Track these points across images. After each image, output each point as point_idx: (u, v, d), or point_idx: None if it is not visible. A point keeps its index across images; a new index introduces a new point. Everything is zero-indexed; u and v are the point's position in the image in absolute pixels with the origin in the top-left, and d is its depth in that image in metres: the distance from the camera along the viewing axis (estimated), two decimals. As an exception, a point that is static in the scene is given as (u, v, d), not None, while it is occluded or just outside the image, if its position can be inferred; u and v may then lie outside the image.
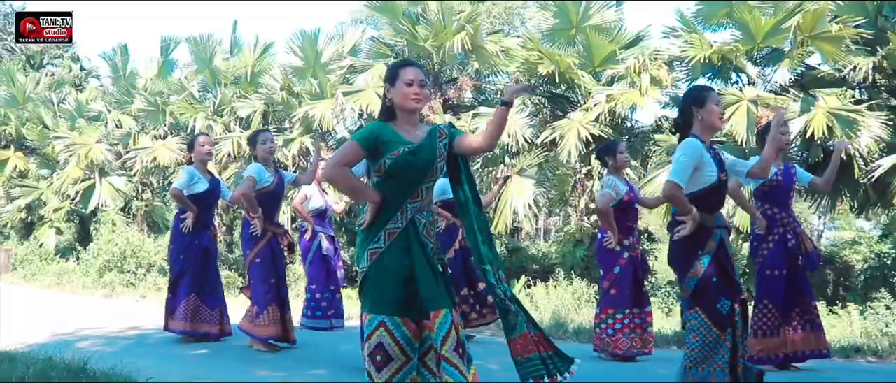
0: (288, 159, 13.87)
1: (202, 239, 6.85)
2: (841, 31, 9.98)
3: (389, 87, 3.54)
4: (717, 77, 11.87)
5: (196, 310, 6.79)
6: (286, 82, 14.37)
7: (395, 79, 3.52)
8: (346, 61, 14.00)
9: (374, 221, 3.43)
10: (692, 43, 11.18)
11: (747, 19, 10.86)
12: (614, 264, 6.28)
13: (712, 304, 4.09)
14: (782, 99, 10.62)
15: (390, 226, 3.44)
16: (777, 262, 5.70)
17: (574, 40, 12.75)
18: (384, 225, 3.44)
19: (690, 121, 4.23)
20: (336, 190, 3.38)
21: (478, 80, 14.71)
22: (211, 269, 6.96)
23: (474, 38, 12.87)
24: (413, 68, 3.53)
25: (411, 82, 3.48)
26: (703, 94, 4.26)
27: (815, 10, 10.21)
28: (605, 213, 6.16)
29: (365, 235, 3.47)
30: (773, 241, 5.74)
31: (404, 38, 13.53)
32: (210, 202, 6.98)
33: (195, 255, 6.81)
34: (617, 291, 6.25)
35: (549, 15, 12.92)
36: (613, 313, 6.26)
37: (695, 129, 4.21)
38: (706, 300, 4.10)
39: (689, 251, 4.14)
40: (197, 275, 6.81)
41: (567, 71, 12.06)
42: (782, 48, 11.14)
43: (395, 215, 3.44)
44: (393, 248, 3.42)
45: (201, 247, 6.84)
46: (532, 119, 12.68)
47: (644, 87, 11.20)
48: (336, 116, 13.27)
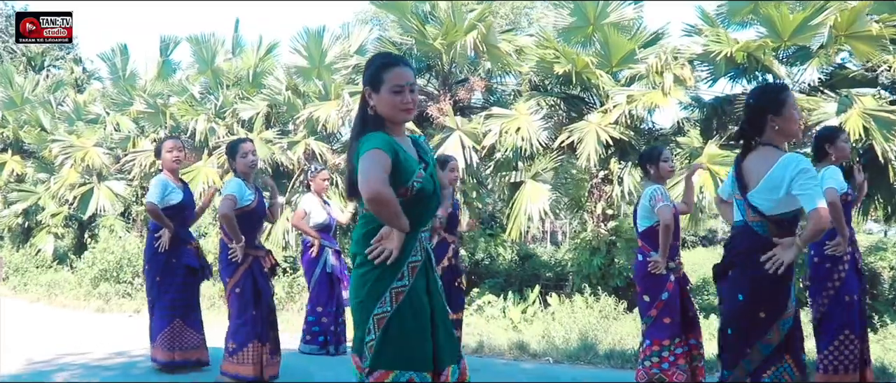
0: (292, 163, 13.30)
1: (180, 256, 6.11)
2: (882, 30, 9.39)
3: (370, 92, 2.89)
4: (742, 77, 11.31)
5: (179, 337, 6.10)
6: (291, 82, 13.81)
7: (378, 84, 2.87)
8: (351, 61, 13.44)
9: (397, 254, 2.81)
10: (718, 39, 10.57)
11: (773, 16, 10.29)
12: (662, 289, 5.48)
13: (799, 352, 3.43)
14: (813, 99, 10.05)
15: (412, 260, 2.85)
16: (853, 286, 4.99)
17: (591, 39, 12.18)
18: (407, 258, 2.83)
19: (762, 129, 3.56)
20: (379, 215, 2.73)
21: (488, 79, 14.14)
22: (193, 289, 6.25)
23: (487, 37, 12.29)
24: (400, 69, 2.88)
25: (401, 89, 2.85)
26: (782, 96, 3.57)
27: (852, 7, 9.62)
28: (669, 230, 5.31)
29: (383, 271, 2.82)
30: (847, 262, 5.01)
31: (412, 37, 12.97)
32: (186, 215, 6.27)
33: (174, 276, 6.09)
34: (670, 320, 5.47)
35: (566, 13, 12.35)
36: (668, 345, 5.46)
37: (770, 140, 3.55)
38: (795, 347, 3.43)
39: (778, 288, 3.41)
40: (178, 297, 6.10)
41: (584, 70, 11.48)
42: (809, 47, 10.58)
43: (414, 246, 2.86)
44: (417, 288, 2.83)
45: (181, 266, 6.12)
46: (547, 121, 12.09)
47: (668, 86, 10.58)
48: (341, 117, 12.70)
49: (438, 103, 13.06)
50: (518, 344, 7.81)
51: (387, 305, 2.79)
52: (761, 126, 3.57)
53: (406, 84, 2.86)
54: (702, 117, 12.02)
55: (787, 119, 3.51)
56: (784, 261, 3.36)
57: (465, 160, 11.93)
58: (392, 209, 2.70)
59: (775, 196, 3.44)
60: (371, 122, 2.91)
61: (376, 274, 2.82)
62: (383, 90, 2.86)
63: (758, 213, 3.52)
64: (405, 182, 2.82)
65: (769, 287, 3.42)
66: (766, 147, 3.56)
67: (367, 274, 2.84)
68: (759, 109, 3.57)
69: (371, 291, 2.82)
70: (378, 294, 2.81)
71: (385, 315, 2.79)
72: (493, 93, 14.36)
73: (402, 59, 2.99)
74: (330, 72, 13.78)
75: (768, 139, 3.55)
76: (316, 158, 13.05)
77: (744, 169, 3.63)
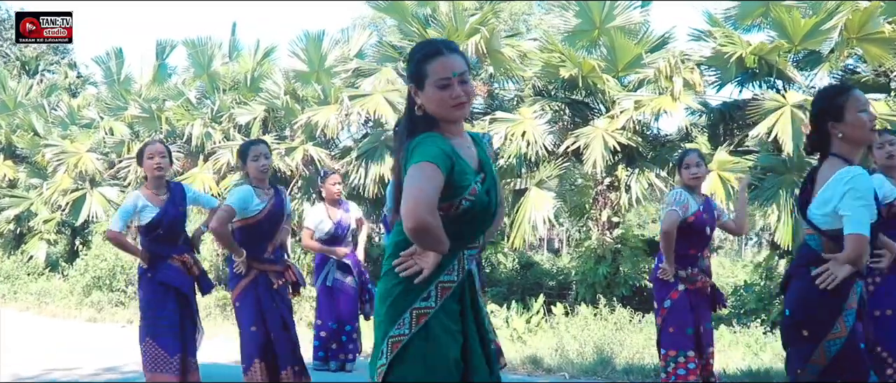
0: (290, 170, 13.00)
1: (168, 276, 5.41)
2: (895, 33, 9.16)
3: (416, 90, 2.48)
4: (752, 81, 11.08)
5: (182, 360, 5.42)
6: (290, 86, 13.51)
7: (422, 79, 2.45)
8: (351, 64, 13.16)
9: (428, 273, 2.43)
10: (731, 40, 10.31)
11: (784, 19, 10.03)
12: (666, 297, 5.29)
13: (861, 376, 3.07)
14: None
15: (444, 280, 2.47)
16: (893, 301, 4.63)
17: (597, 42, 11.92)
18: (437, 277, 2.45)
19: (826, 138, 3.24)
20: (418, 243, 2.34)
21: (490, 84, 13.87)
22: (183, 310, 5.49)
23: (490, 42, 12.04)
24: (444, 58, 2.43)
25: (448, 82, 2.41)
26: (841, 99, 3.19)
27: (864, 8, 9.39)
28: (667, 236, 5.14)
29: (408, 287, 2.44)
30: (884, 276, 4.54)
31: (413, 40, 12.70)
32: (164, 229, 5.45)
33: (163, 298, 5.39)
34: (675, 330, 5.26)
35: (571, 15, 12.08)
36: (676, 356, 5.25)
37: (836, 150, 3.21)
38: (851, 371, 3.07)
39: (830, 304, 3.11)
40: (173, 320, 5.40)
41: (590, 74, 11.21)
42: (820, 51, 10.34)
43: (451, 264, 2.48)
44: (445, 310, 2.45)
45: (169, 288, 5.41)
46: (552, 126, 11.81)
47: (677, 91, 10.32)
48: (340, 122, 12.42)
49: (472, 97, 12.77)
50: (531, 358, 7.50)
51: (405, 327, 2.43)
52: (824, 134, 3.25)
53: (454, 75, 2.42)
54: (709, 123, 11.78)
55: (851, 125, 3.16)
56: (838, 276, 3.06)
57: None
58: (435, 236, 2.28)
59: (825, 210, 3.15)
60: (420, 123, 2.48)
61: (400, 290, 2.46)
62: (428, 86, 2.44)
63: (813, 227, 3.23)
64: (454, 198, 2.42)
65: (815, 303, 3.14)
66: (833, 158, 3.22)
67: (392, 288, 2.48)
68: (819, 116, 3.25)
69: (390, 309, 2.47)
70: (397, 313, 2.45)
71: (401, 338, 2.42)
72: (494, 98, 14.10)
73: (447, 44, 2.52)
74: (329, 76, 13.50)
75: (836, 150, 3.22)
76: (314, 164, 12.76)
77: (815, 180, 3.32)
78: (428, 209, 2.21)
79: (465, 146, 2.55)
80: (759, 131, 9.74)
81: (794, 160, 9.62)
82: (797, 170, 9.67)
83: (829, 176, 3.16)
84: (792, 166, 9.73)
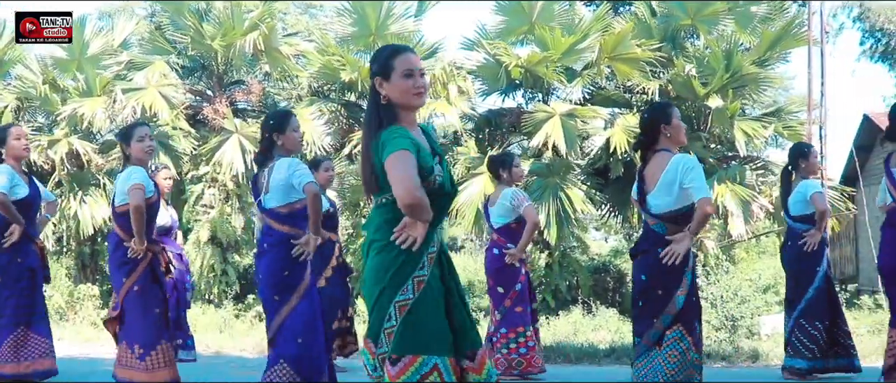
0: (48, 163, 12.16)
1: (25, 256, 5.51)
2: (643, 53, 10.61)
3: (381, 81, 2.95)
4: (516, 90, 12.19)
5: (24, 346, 5.47)
6: (49, 76, 12.59)
7: (389, 71, 2.94)
8: (123, 56, 12.63)
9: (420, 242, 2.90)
10: (505, 52, 11.31)
11: (546, 37, 11.19)
12: (516, 281, 6.08)
13: (692, 324, 4.10)
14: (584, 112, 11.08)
15: (430, 250, 2.94)
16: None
17: (373, 47, 12.43)
18: (427, 249, 2.92)
19: (657, 138, 4.21)
20: (413, 216, 2.84)
21: (266, 82, 13.95)
22: (39, 292, 5.67)
23: (268, 40, 12.17)
24: (409, 54, 2.99)
25: (411, 72, 2.93)
26: (669, 110, 4.26)
27: (618, 31, 10.77)
28: (534, 227, 6.05)
29: (406, 259, 2.88)
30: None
31: (187, 34, 12.48)
32: (33, 211, 5.69)
33: (17, 278, 5.46)
34: (522, 309, 6.08)
35: (348, 22, 12.48)
36: (523, 331, 6.04)
37: (662, 145, 4.20)
38: (689, 319, 4.09)
39: (676, 269, 4.08)
40: (22, 302, 5.48)
41: (367, 78, 11.68)
42: (574, 67, 11.65)
43: (432, 237, 2.94)
44: (435, 275, 2.93)
45: (25, 267, 5.51)
46: (329, 127, 12.18)
47: (452, 97, 11.15)
48: (110, 116, 11.90)
49: (214, 104, 12.68)
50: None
51: (409, 293, 2.87)
52: (655, 135, 4.23)
53: (416, 69, 2.94)
54: (475, 127, 12.72)
55: (675, 128, 4.20)
56: (679, 253, 4.05)
57: (245, 164, 11.71)
58: (425, 208, 2.82)
59: (671, 191, 4.11)
60: (385, 114, 2.96)
61: (400, 261, 2.88)
62: (394, 76, 2.93)
63: (656, 217, 4.19)
64: (427, 176, 2.90)
65: (665, 269, 4.10)
66: (660, 152, 4.22)
67: (393, 260, 2.90)
68: (653, 121, 4.25)
69: (393, 278, 2.88)
70: (400, 281, 2.87)
71: (407, 302, 2.86)
72: (267, 96, 14.16)
73: (410, 47, 3.12)
74: (93, 65, 12.75)
75: (662, 146, 4.21)
76: (78, 157, 12.09)
77: (646, 175, 4.30)
78: (418, 187, 2.77)
79: (418, 134, 3.04)
80: (537, 141, 10.85)
81: (556, 165, 10.80)
82: (559, 174, 10.85)
83: (664, 164, 4.13)
84: (555, 170, 10.89)
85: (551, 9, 11.73)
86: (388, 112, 2.97)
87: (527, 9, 11.68)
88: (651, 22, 11.72)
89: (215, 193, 12.21)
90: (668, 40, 11.62)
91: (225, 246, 12.24)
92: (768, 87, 12.00)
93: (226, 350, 9.18)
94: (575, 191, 10.81)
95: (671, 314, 4.10)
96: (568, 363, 7.98)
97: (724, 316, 10.40)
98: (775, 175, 11.51)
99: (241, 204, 12.46)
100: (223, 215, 12.20)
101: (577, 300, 12.03)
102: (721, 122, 10.78)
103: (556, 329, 10.47)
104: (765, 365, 7.72)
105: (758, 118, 11.45)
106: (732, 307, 10.51)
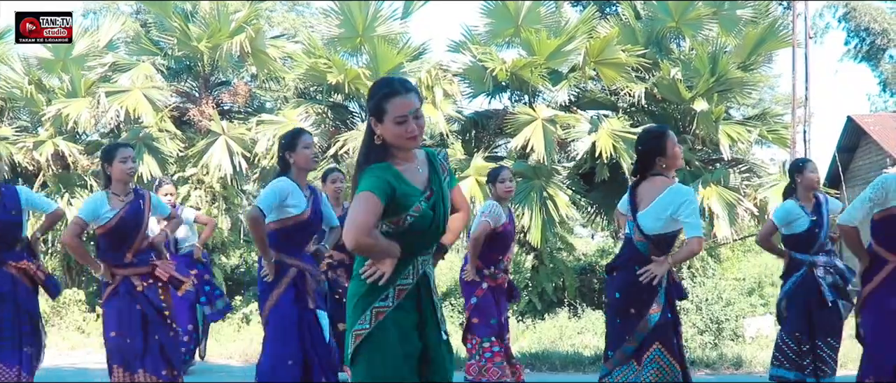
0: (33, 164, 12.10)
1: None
2: (628, 59, 10.66)
3: (375, 121, 2.94)
4: (502, 93, 12.21)
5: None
6: (35, 76, 12.54)
7: (381, 114, 2.91)
8: (108, 58, 12.57)
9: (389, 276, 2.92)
10: (490, 56, 11.33)
11: (532, 40, 11.21)
12: (472, 294, 6.04)
13: (671, 341, 4.14)
14: (569, 117, 11.10)
15: (401, 283, 2.94)
16: None
17: (360, 49, 12.44)
18: (394, 281, 2.93)
19: (652, 166, 4.27)
20: (365, 256, 2.94)
21: (252, 84, 13.91)
22: (7, 317, 5.40)
23: (254, 42, 12.14)
24: (402, 98, 2.90)
25: (403, 119, 2.88)
26: (664, 141, 4.27)
27: (604, 35, 10.83)
28: (475, 242, 5.87)
29: (370, 290, 2.92)
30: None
31: (174, 36, 12.45)
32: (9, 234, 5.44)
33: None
34: (478, 321, 6.01)
35: (335, 23, 12.47)
36: (482, 342, 6.01)
37: (657, 171, 4.27)
38: (666, 336, 4.14)
39: (650, 290, 4.16)
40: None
41: (355, 80, 11.72)
42: (561, 70, 11.69)
43: (407, 270, 2.95)
44: (402, 308, 2.94)
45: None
46: (317, 128, 12.16)
47: (437, 100, 11.16)
48: (95, 117, 11.85)
49: (200, 106, 12.64)
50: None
51: (366, 323, 2.91)
52: (651, 165, 4.29)
53: (409, 113, 2.89)
54: (461, 129, 12.73)
55: (672, 157, 4.26)
56: (658, 275, 4.14)
57: (233, 167, 11.70)
58: (376, 251, 2.87)
59: (662, 216, 4.15)
60: (375, 151, 2.96)
61: (363, 292, 2.94)
62: (387, 120, 2.90)
63: (644, 234, 4.23)
64: (399, 214, 2.91)
65: (640, 289, 4.18)
66: (655, 177, 4.27)
67: (357, 290, 2.97)
68: (648, 153, 4.30)
69: (356, 307, 2.96)
70: (360, 310, 2.94)
71: (362, 331, 2.91)
72: (254, 98, 14.14)
73: (404, 85, 2.99)
74: (79, 66, 12.68)
75: (657, 172, 4.28)
76: (64, 158, 12.03)
77: (637, 193, 4.35)
78: (364, 232, 2.76)
79: (414, 169, 3.02)
80: (516, 143, 10.86)
81: (541, 168, 10.83)
82: (545, 177, 10.89)
83: (660, 188, 4.19)
84: (540, 173, 10.92)
85: (537, 11, 11.75)
86: (377, 150, 2.97)
87: (513, 11, 11.69)
88: (636, 25, 11.76)
89: (202, 195, 12.17)
90: (653, 43, 11.66)
91: (211, 247, 12.21)
92: (753, 89, 12.13)
93: (212, 357, 8.99)
94: (560, 196, 10.83)
95: (644, 332, 4.19)
96: (552, 371, 8.02)
97: (709, 318, 10.49)
98: (760, 177, 11.64)
99: (227, 205, 12.46)
100: (210, 216, 12.14)
101: (564, 302, 12.09)
102: (706, 126, 10.83)
103: (542, 334, 10.54)
104: (747, 372, 7.79)
105: (742, 122, 11.51)
106: (717, 309, 10.61)
